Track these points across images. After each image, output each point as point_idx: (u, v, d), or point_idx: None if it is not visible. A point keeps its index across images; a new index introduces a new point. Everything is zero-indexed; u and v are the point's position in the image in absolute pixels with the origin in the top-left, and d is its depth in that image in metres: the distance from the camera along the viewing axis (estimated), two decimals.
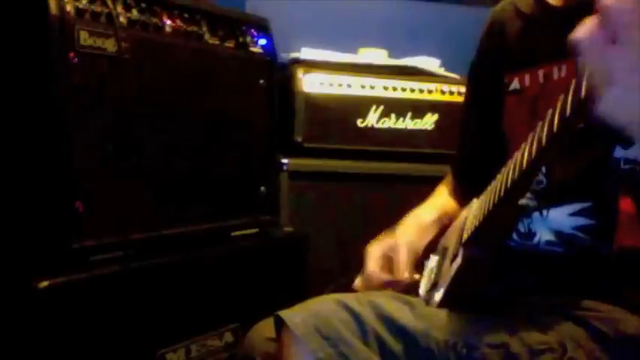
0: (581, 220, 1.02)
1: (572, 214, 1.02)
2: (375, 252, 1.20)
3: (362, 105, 2.07)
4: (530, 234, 1.07)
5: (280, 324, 0.94)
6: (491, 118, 1.18)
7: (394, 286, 1.14)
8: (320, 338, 0.88)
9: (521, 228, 1.08)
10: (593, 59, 0.59)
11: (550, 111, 0.74)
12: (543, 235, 1.05)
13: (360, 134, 2.07)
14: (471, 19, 1.29)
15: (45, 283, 1.15)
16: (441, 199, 1.32)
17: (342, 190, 2.05)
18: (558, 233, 1.04)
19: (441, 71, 2.23)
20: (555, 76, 1.06)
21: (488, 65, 1.23)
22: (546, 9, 1.12)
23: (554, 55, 1.04)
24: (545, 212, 1.05)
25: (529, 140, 0.82)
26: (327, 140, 2.05)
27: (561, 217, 1.03)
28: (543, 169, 0.99)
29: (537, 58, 1.09)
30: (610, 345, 0.94)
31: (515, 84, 1.13)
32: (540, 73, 1.08)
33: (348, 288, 1.20)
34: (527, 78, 1.11)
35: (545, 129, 0.75)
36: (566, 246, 1.04)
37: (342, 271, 2.01)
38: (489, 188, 0.98)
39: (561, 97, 0.71)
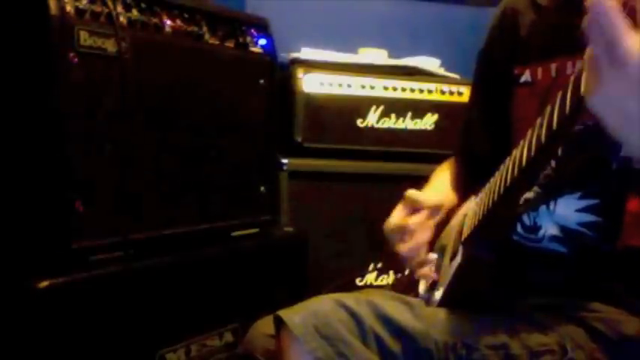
0: (588, 217, 1.01)
1: (579, 210, 1.02)
2: (394, 218, 1.16)
3: (362, 105, 2.08)
4: (536, 227, 1.06)
5: (280, 324, 0.94)
6: (499, 108, 1.17)
7: (426, 222, 1.12)
8: (319, 338, 0.88)
9: (527, 221, 1.07)
10: (589, 57, 0.59)
11: (549, 108, 0.74)
12: (549, 230, 1.05)
13: (360, 134, 2.07)
14: (471, 19, 1.29)
15: (45, 283, 1.15)
16: (442, 188, 1.29)
17: (342, 190, 2.05)
18: (563, 228, 1.04)
19: (441, 71, 2.23)
20: (569, 70, 1.04)
21: (498, 55, 1.21)
22: (563, 2, 1.10)
23: (569, 50, 1.02)
24: (552, 206, 1.04)
25: (528, 137, 0.81)
26: (327, 140, 2.05)
27: (568, 212, 1.03)
28: (553, 163, 0.98)
29: (551, 52, 1.08)
30: (610, 346, 0.94)
31: (526, 76, 1.12)
32: (553, 66, 1.07)
33: (347, 288, 1.19)
34: (539, 71, 1.09)
35: (545, 127, 0.75)
36: (570, 242, 1.04)
37: (342, 271, 2.02)
38: (488, 186, 0.98)
39: (560, 93, 0.70)
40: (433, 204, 1.14)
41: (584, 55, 0.62)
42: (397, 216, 1.16)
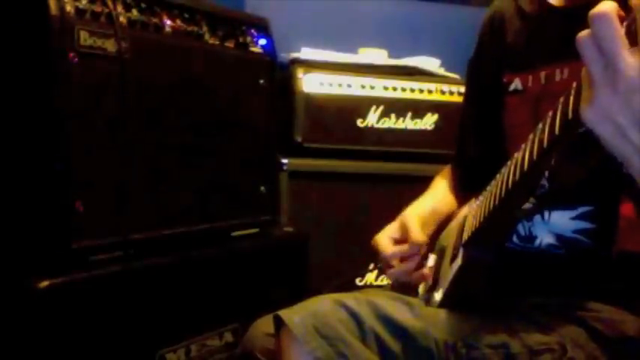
0: (583, 224, 1.01)
1: (574, 218, 1.02)
2: (384, 238, 1.19)
3: (362, 105, 2.08)
4: (531, 237, 1.06)
5: (279, 324, 0.94)
6: (491, 115, 1.17)
7: (413, 254, 1.14)
8: (319, 338, 0.88)
9: (522, 231, 1.08)
10: (586, 65, 0.59)
11: (551, 112, 0.74)
12: (544, 239, 1.05)
13: (360, 134, 2.08)
14: (470, 19, 1.29)
15: (45, 283, 1.15)
16: (441, 193, 1.30)
17: (342, 190, 2.05)
18: (559, 237, 1.04)
19: (441, 71, 2.23)
20: (557, 77, 1.05)
21: (488, 62, 1.22)
22: (548, 9, 1.11)
23: (556, 57, 1.03)
24: (546, 216, 1.04)
25: (529, 141, 0.81)
26: (327, 140, 2.05)
27: (563, 220, 1.03)
28: (546, 173, 0.98)
29: (539, 60, 1.08)
30: (610, 346, 0.94)
31: (516, 84, 1.12)
32: (542, 74, 1.07)
33: (347, 287, 1.20)
34: (529, 79, 1.10)
35: (547, 131, 0.75)
36: (567, 249, 1.04)
37: (342, 271, 2.02)
38: (489, 189, 0.98)
39: (562, 98, 0.70)
40: (418, 242, 1.14)
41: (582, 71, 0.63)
42: (387, 238, 1.18)
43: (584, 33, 0.59)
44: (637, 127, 0.58)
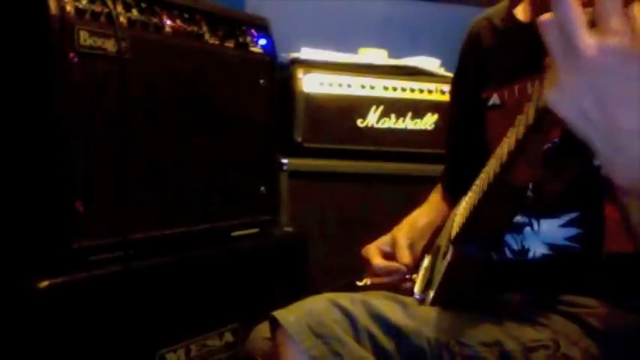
0: (572, 230, 1.01)
1: (563, 226, 1.02)
2: (373, 249, 1.24)
3: (362, 105, 2.08)
4: (525, 250, 1.06)
5: (275, 324, 0.94)
6: (474, 132, 1.19)
7: (398, 274, 1.20)
8: (313, 337, 0.89)
9: (515, 245, 1.08)
10: (548, 48, 0.60)
11: (527, 104, 0.75)
12: (537, 250, 1.05)
13: (360, 134, 2.08)
14: (470, 19, 1.29)
15: (45, 283, 1.15)
16: (435, 204, 1.35)
17: (342, 190, 2.06)
18: (552, 246, 1.04)
19: (441, 71, 2.23)
20: (530, 90, 1.06)
21: (467, 80, 1.25)
22: (516, 24, 1.14)
23: (526, 72, 1.05)
24: (536, 226, 1.05)
25: (509, 135, 0.83)
26: (327, 140, 2.05)
27: (553, 229, 1.03)
28: (530, 185, 0.99)
29: (512, 75, 1.10)
30: (604, 341, 0.95)
31: (494, 99, 1.14)
32: (516, 88, 1.10)
33: (347, 288, 1.20)
34: (505, 93, 1.12)
35: (523, 122, 0.77)
36: (559, 257, 1.04)
37: (342, 271, 2.02)
38: (476, 183, 1.00)
39: (537, 88, 0.71)
40: (402, 262, 1.21)
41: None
42: (377, 250, 1.25)
43: (546, 16, 0.59)
44: (598, 106, 0.58)
